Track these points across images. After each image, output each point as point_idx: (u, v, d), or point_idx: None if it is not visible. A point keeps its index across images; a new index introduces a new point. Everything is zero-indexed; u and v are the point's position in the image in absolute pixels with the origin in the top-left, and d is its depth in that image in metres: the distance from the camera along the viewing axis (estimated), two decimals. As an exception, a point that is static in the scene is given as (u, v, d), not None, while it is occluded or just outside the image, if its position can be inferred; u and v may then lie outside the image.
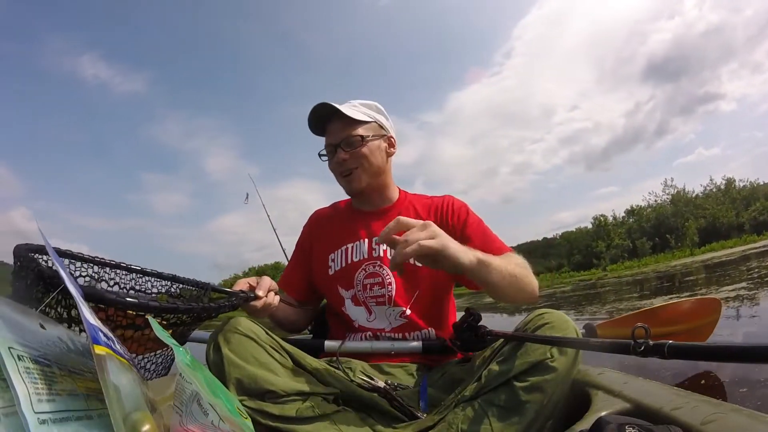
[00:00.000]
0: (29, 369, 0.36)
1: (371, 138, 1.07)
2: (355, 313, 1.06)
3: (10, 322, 0.39)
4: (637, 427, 0.58)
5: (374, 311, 1.04)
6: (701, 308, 1.48)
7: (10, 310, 0.41)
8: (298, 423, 0.73)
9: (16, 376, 0.34)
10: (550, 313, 0.79)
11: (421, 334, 1.04)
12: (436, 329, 1.05)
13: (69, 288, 0.45)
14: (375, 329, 1.04)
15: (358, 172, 1.07)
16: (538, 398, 0.71)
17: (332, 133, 1.07)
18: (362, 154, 1.06)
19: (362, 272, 1.06)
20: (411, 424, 0.78)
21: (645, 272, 14.77)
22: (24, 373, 0.35)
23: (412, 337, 1.03)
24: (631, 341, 0.52)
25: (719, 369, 1.78)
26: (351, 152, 1.05)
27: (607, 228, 31.99)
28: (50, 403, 0.36)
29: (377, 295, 1.04)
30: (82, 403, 0.40)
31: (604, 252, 30.17)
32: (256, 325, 0.83)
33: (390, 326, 1.03)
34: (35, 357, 0.38)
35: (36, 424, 0.33)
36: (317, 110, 1.05)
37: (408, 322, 1.03)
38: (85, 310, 0.43)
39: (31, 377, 0.36)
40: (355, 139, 1.05)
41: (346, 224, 1.14)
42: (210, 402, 0.48)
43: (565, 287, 14.29)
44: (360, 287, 1.05)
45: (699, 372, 1.78)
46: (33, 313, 0.46)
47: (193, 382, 0.49)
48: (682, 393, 0.72)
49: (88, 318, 0.43)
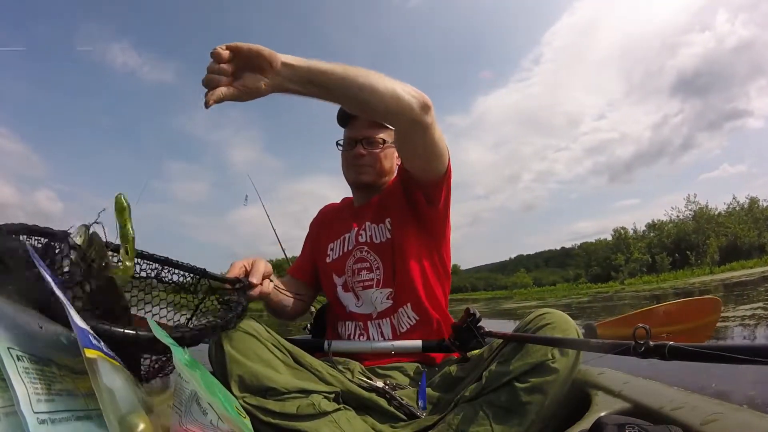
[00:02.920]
0: (28, 369, 0.36)
1: (389, 144, 1.14)
2: (345, 299, 1.10)
3: (9, 322, 0.39)
4: (637, 427, 0.58)
5: (361, 296, 1.08)
6: (701, 308, 1.48)
7: (9, 310, 0.41)
8: (298, 420, 0.73)
9: (15, 377, 0.34)
10: (552, 314, 0.78)
11: (409, 315, 1.04)
12: (427, 306, 1.05)
13: (56, 291, 0.44)
14: (362, 314, 1.07)
15: (370, 169, 1.13)
16: (538, 399, 0.71)
17: (356, 127, 1.13)
18: (379, 157, 1.13)
19: (352, 258, 1.10)
20: (411, 424, 0.78)
21: (663, 288, 14.76)
22: (23, 374, 0.35)
23: (397, 318, 1.04)
24: (632, 342, 0.52)
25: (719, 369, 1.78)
26: (370, 152, 1.12)
27: (627, 241, 31.98)
28: (49, 403, 0.36)
29: (364, 279, 1.07)
30: (81, 403, 0.40)
31: (623, 265, 30.13)
32: (258, 323, 0.83)
33: (376, 311, 1.05)
34: (34, 357, 0.38)
35: (35, 424, 0.33)
36: None
37: (394, 304, 1.04)
38: (73, 314, 0.43)
39: (30, 377, 0.36)
40: (377, 140, 1.12)
41: (345, 217, 1.20)
42: (208, 401, 0.48)
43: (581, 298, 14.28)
44: (350, 273, 1.09)
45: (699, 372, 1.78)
46: (32, 313, 0.45)
47: (192, 381, 0.49)
48: (682, 393, 0.72)
49: (77, 322, 0.43)
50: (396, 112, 0.82)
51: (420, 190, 1.03)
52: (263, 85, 0.70)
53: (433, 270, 1.09)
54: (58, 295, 0.44)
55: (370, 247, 1.09)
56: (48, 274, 0.44)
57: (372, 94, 0.78)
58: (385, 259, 1.07)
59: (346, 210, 1.23)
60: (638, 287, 18.47)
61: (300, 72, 0.73)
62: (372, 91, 0.77)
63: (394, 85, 0.80)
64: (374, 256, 1.08)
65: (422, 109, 0.83)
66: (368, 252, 1.09)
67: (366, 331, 1.06)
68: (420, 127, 0.86)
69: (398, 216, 1.08)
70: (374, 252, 1.09)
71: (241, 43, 0.68)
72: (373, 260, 1.08)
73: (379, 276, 1.06)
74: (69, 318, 0.42)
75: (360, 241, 1.11)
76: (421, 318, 1.04)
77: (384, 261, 1.07)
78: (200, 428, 0.47)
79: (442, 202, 1.03)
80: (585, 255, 35.18)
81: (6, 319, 0.39)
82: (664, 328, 1.27)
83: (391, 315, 1.05)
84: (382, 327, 1.05)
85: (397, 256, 1.06)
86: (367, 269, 1.08)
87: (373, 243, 1.09)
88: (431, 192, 1.01)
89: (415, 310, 1.05)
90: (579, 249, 37.22)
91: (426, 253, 1.08)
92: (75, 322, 0.42)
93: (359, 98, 0.78)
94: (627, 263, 30.02)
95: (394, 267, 1.05)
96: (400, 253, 1.06)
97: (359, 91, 0.77)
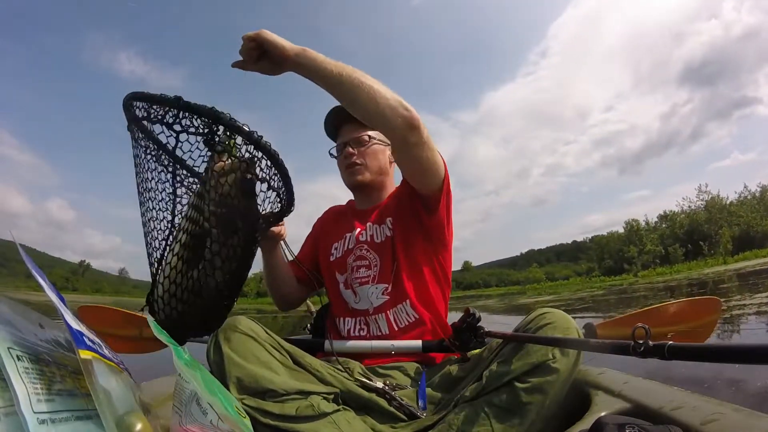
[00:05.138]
0: (28, 369, 0.36)
1: (377, 141, 1.17)
2: (346, 296, 1.12)
3: (9, 322, 0.39)
4: (636, 427, 0.58)
5: (358, 293, 1.09)
6: (701, 308, 1.48)
7: (9, 310, 0.41)
8: (298, 422, 0.73)
9: (15, 377, 0.34)
10: (552, 313, 0.78)
11: (408, 311, 1.04)
12: (424, 305, 1.06)
13: (48, 294, 0.44)
14: (360, 310, 1.08)
15: (362, 168, 1.16)
16: (539, 399, 0.71)
17: (345, 133, 1.19)
18: (368, 153, 1.16)
19: (352, 256, 1.13)
20: (411, 424, 0.78)
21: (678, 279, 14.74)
22: (23, 374, 0.35)
23: (393, 314, 1.05)
24: (631, 342, 0.52)
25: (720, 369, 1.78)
26: (358, 150, 1.16)
27: (639, 233, 31.84)
28: (49, 403, 0.36)
29: (362, 276, 1.09)
30: (81, 403, 0.40)
31: (636, 257, 30.00)
32: (256, 324, 0.83)
33: (372, 306, 1.06)
34: (34, 357, 0.38)
35: (35, 424, 0.33)
36: (334, 114, 1.17)
37: (390, 300, 1.05)
38: (66, 316, 0.43)
39: (30, 377, 0.36)
40: (363, 138, 1.16)
41: (348, 218, 1.23)
42: (208, 401, 0.48)
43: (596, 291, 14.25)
44: (350, 271, 1.12)
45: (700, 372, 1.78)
46: (32, 313, 0.46)
47: (192, 381, 0.49)
48: (682, 393, 0.72)
49: (71, 323, 0.43)
50: (384, 130, 0.93)
51: (419, 200, 1.05)
52: (275, 72, 0.88)
53: (432, 273, 1.10)
54: (51, 297, 0.44)
55: (369, 246, 1.11)
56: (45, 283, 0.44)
57: (362, 110, 0.87)
58: (383, 256, 1.09)
59: (350, 212, 1.26)
60: (652, 279, 18.42)
61: (304, 70, 0.86)
62: (363, 108, 0.86)
63: (384, 105, 0.86)
64: (373, 254, 1.10)
65: (409, 129, 0.88)
66: (368, 250, 1.11)
67: (364, 326, 1.07)
68: (406, 146, 0.90)
69: (399, 218, 1.10)
70: (373, 250, 1.11)
71: (263, 34, 0.83)
72: (372, 258, 1.10)
73: (375, 272, 1.08)
74: (62, 319, 0.42)
75: (360, 240, 1.13)
76: (418, 317, 1.04)
77: (382, 258, 1.09)
78: (200, 428, 0.47)
79: (441, 212, 1.05)
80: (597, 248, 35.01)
81: (6, 319, 0.39)
82: (663, 328, 1.27)
83: (387, 311, 1.05)
84: (378, 322, 1.05)
85: (396, 254, 1.07)
86: (366, 267, 1.10)
87: (374, 242, 1.11)
88: (430, 203, 1.03)
89: (412, 308, 1.05)
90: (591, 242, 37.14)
91: (426, 256, 1.09)
92: (69, 324, 0.42)
93: (352, 107, 0.88)
94: (640, 255, 29.89)
95: (392, 264, 1.07)
96: (398, 250, 1.07)
97: (351, 104, 0.87)
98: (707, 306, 1.39)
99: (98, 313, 1.40)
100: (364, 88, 0.85)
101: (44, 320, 0.46)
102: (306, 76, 0.86)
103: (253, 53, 0.85)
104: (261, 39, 0.84)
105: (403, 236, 1.08)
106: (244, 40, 0.84)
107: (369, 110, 0.86)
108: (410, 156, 0.93)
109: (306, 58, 0.85)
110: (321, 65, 0.84)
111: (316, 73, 0.85)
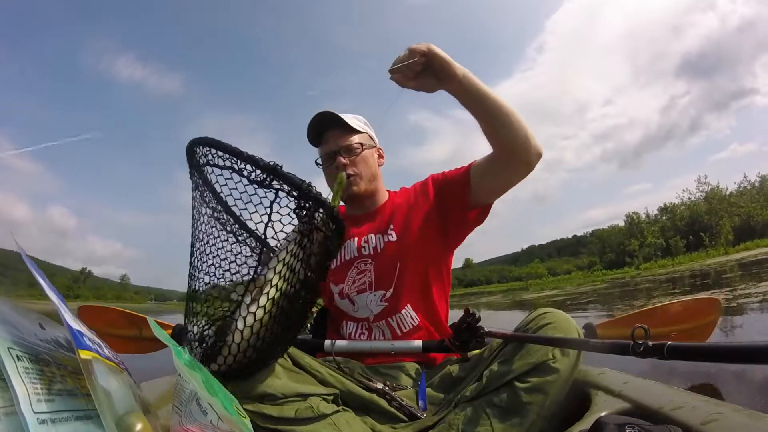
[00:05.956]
0: (28, 369, 0.36)
1: (367, 147, 1.13)
2: (343, 305, 1.10)
3: (9, 322, 0.39)
4: (636, 428, 0.58)
5: (356, 301, 1.07)
6: (701, 308, 1.49)
7: (9, 310, 0.41)
8: (297, 424, 0.72)
9: (15, 377, 0.34)
10: (552, 313, 0.78)
11: (412, 315, 1.04)
12: (426, 310, 1.05)
13: (48, 293, 0.44)
14: (361, 318, 1.07)
15: (357, 178, 1.11)
16: (539, 399, 0.71)
17: (331, 140, 1.11)
18: (359, 161, 1.11)
19: (354, 269, 1.10)
20: (411, 424, 0.78)
21: (680, 270, 14.74)
22: (23, 374, 0.35)
23: (396, 321, 1.04)
24: (631, 342, 0.52)
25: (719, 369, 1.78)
26: (350, 159, 1.10)
27: (640, 226, 31.77)
28: (49, 403, 0.36)
29: (359, 285, 1.07)
30: (81, 403, 0.40)
31: (637, 250, 29.95)
32: None
33: (372, 314, 1.05)
34: (34, 357, 0.38)
35: (35, 424, 0.33)
36: (318, 119, 1.10)
37: (389, 305, 1.04)
38: (67, 316, 0.43)
39: (31, 377, 0.36)
40: (355, 146, 1.10)
41: None
42: (208, 401, 0.48)
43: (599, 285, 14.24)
44: (350, 281, 1.09)
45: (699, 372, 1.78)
46: (32, 313, 0.46)
47: (192, 381, 0.48)
48: (682, 393, 0.72)
49: (71, 323, 0.43)
50: (520, 149, 0.92)
51: (465, 210, 1.04)
52: (433, 89, 0.88)
53: (436, 274, 1.09)
54: (51, 297, 0.44)
55: (371, 257, 1.09)
56: (45, 283, 0.44)
57: (512, 125, 0.89)
58: (384, 264, 1.06)
59: (346, 219, 1.22)
60: (654, 271, 18.40)
61: (466, 92, 0.87)
62: (512, 123, 0.89)
63: (527, 128, 0.91)
64: (374, 263, 1.08)
65: (537, 158, 0.94)
66: (370, 261, 1.09)
67: (365, 330, 1.06)
68: (525, 170, 0.96)
69: (406, 224, 1.08)
70: (374, 260, 1.08)
71: (434, 49, 0.82)
72: (373, 267, 1.08)
73: (370, 279, 1.06)
74: (62, 319, 0.42)
75: (363, 254, 1.10)
76: (420, 321, 1.04)
77: (382, 266, 1.06)
78: (200, 428, 0.47)
79: (474, 212, 1.05)
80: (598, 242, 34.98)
81: (7, 319, 0.39)
82: (663, 328, 1.27)
83: (387, 317, 1.04)
84: (381, 329, 1.05)
85: (398, 260, 1.05)
86: (365, 275, 1.08)
87: (376, 252, 1.09)
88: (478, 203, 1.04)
89: (414, 313, 1.04)
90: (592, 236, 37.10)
91: (430, 260, 1.08)
92: (69, 324, 0.42)
93: (498, 132, 0.90)
94: (641, 248, 29.86)
95: (394, 271, 1.05)
96: (402, 257, 1.05)
97: (500, 128, 0.89)
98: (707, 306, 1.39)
99: (99, 313, 1.40)
100: (516, 116, 0.89)
101: (44, 320, 0.46)
102: (463, 97, 0.87)
103: (418, 67, 0.83)
104: (432, 54, 0.82)
105: (408, 241, 1.06)
106: (412, 53, 0.82)
107: (518, 137, 0.89)
108: (516, 178, 0.97)
109: (472, 80, 0.86)
110: (483, 89, 0.86)
111: (478, 96, 0.86)
